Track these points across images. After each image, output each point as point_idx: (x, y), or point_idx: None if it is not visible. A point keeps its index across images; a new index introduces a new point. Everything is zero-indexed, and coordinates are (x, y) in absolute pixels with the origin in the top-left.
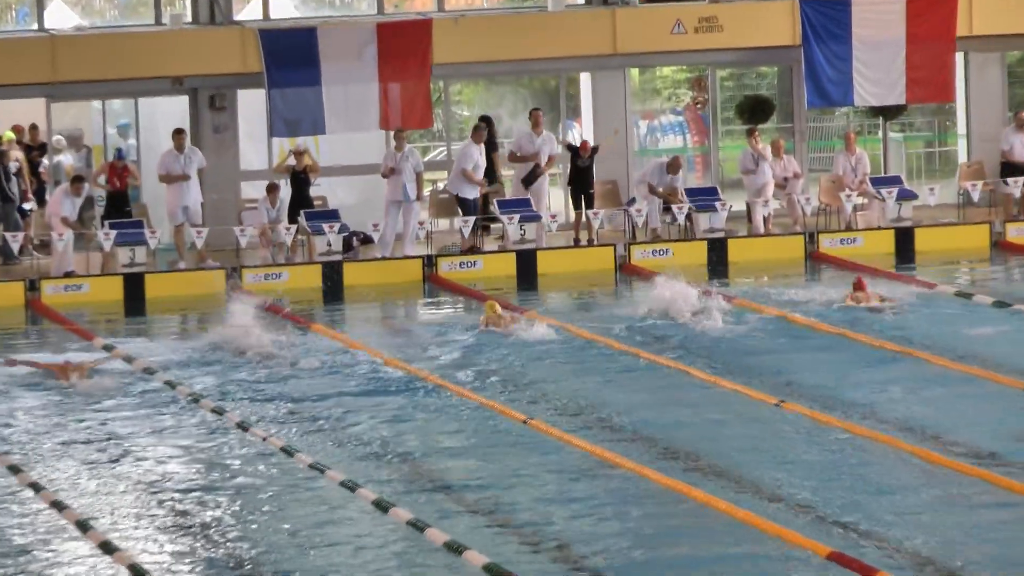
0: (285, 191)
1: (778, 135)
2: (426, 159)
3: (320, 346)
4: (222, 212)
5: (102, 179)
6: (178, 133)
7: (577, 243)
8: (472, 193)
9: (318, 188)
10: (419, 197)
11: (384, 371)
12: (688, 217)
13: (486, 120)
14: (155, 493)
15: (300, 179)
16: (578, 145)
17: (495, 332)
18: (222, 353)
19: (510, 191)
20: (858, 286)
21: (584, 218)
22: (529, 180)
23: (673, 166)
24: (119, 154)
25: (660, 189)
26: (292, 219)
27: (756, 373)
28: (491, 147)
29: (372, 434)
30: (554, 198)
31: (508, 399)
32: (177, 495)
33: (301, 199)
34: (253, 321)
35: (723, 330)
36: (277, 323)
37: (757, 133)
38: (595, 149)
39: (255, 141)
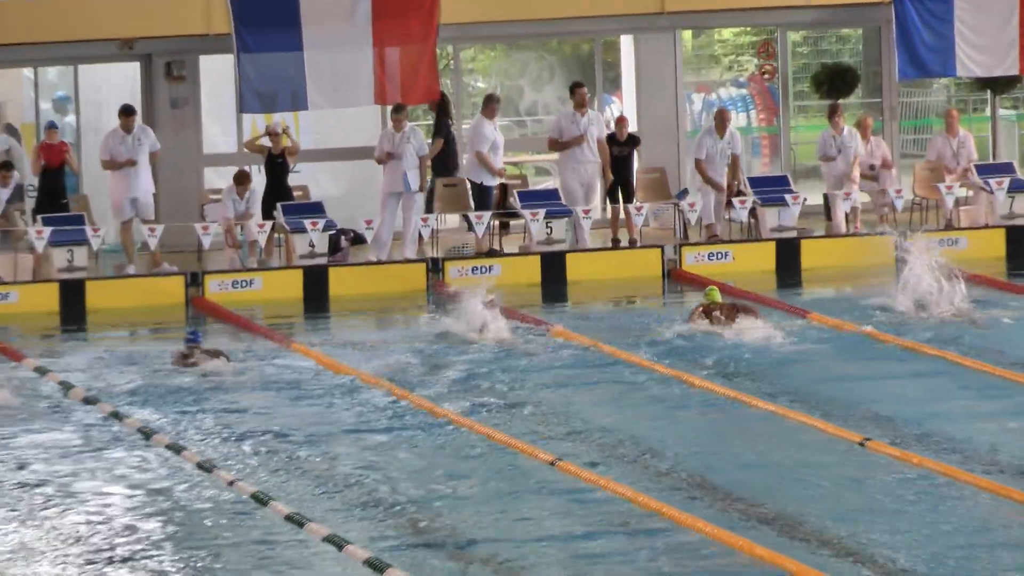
0: (258, 180)
1: (863, 113)
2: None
3: (298, 368)
4: (180, 205)
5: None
6: (126, 111)
7: (616, 244)
8: (491, 181)
9: (298, 176)
10: (423, 187)
11: (380, 400)
12: (752, 213)
13: (490, 99)
14: (88, 549)
15: (276, 165)
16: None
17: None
18: (182, 379)
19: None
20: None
21: (623, 214)
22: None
23: (719, 121)
24: (51, 124)
25: (714, 172)
26: (267, 214)
27: (834, 403)
28: (441, 130)
29: (363, 477)
30: None
31: (532, 434)
32: (118, 551)
33: (278, 189)
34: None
35: (794, 350)
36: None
37: (841, 110)
38: (633, 138)
39: (221, 119)
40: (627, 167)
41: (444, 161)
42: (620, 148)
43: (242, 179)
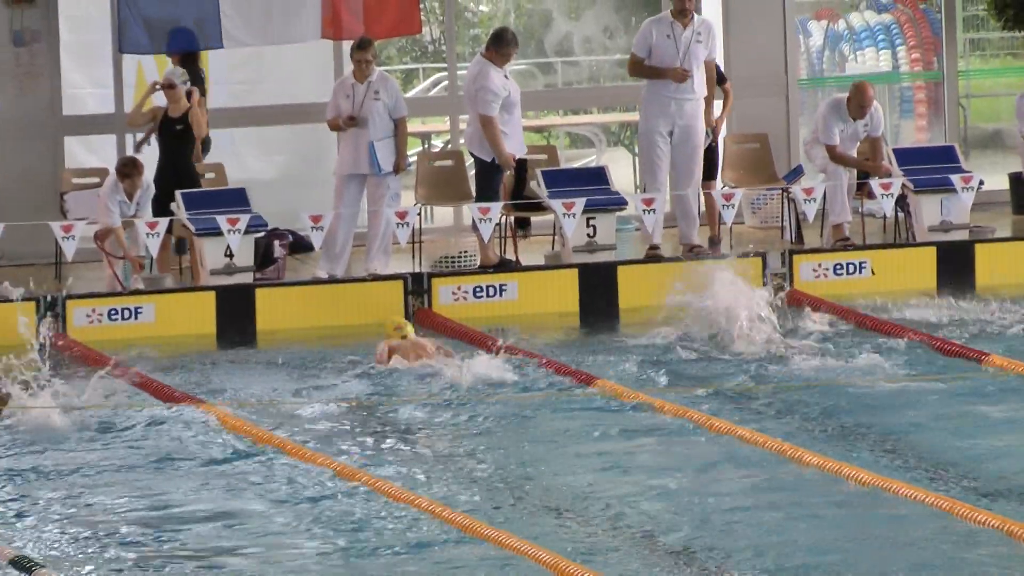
0: (149, 158)
1: None
2: (410, 95)
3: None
4: (29, 194)
5: None
6: None
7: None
8: (500, 161)
9: (211, 151)
10: (399, 167)
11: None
12: (901, 203)
13: (500, 38)
14: None
15: (174, 134)
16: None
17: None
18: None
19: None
20: None
21: (704, 204)
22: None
23: (855, 104)
24: None
25: (855, 146)
26: (161, 208)
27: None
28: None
29: None
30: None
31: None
32: None
33: (176, 170)
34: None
35: (973, 420)
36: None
37: None
38: (721, 77)
39: (90, 63)
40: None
41: None
42: None
43: (130, 170)
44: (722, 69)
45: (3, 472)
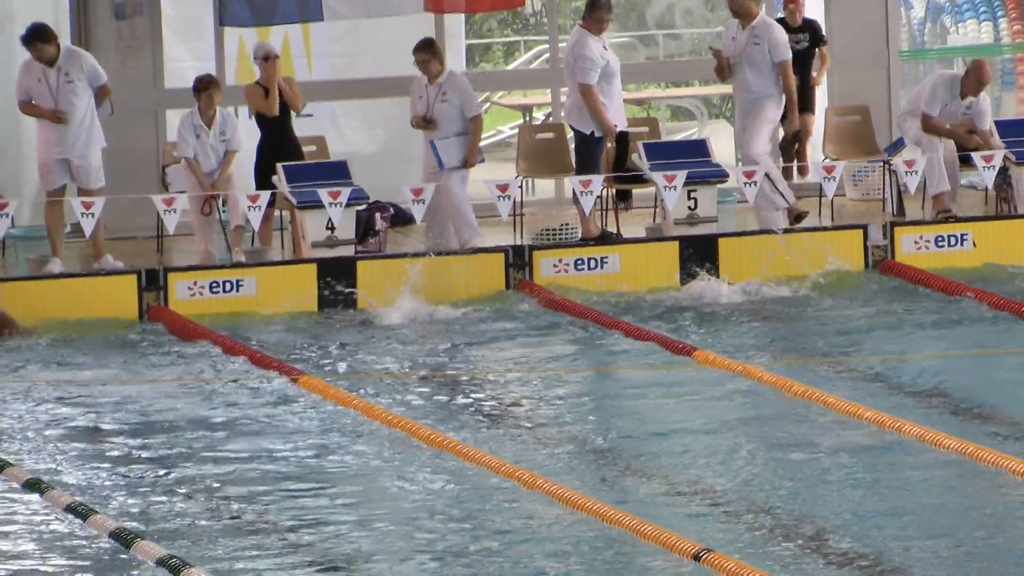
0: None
1: None
2: (512, 67)
3: (324, 414)
4: (131, 168)
5: None
6: (37, 35)
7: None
8: (600, 130)
9: (310, 123)
10: (468, 162)
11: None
12: (1004, 175)
13: (595, 4)
14: None
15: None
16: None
17: None
18: None
19: None
20: None
21: (802, 175)
22: None
23: (973, 80)
24: None
25: (950, 124)
26: (262, 181)
27: None
28: None
29: None
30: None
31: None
32: None
33: (276, 144)
34: None
35: None
36: None
37: None
38: (813, 27)
39: (192, 36)
40: (807, 100)
41: None
42: (796, 39)
43: (205, 83)
44: (823, 32)
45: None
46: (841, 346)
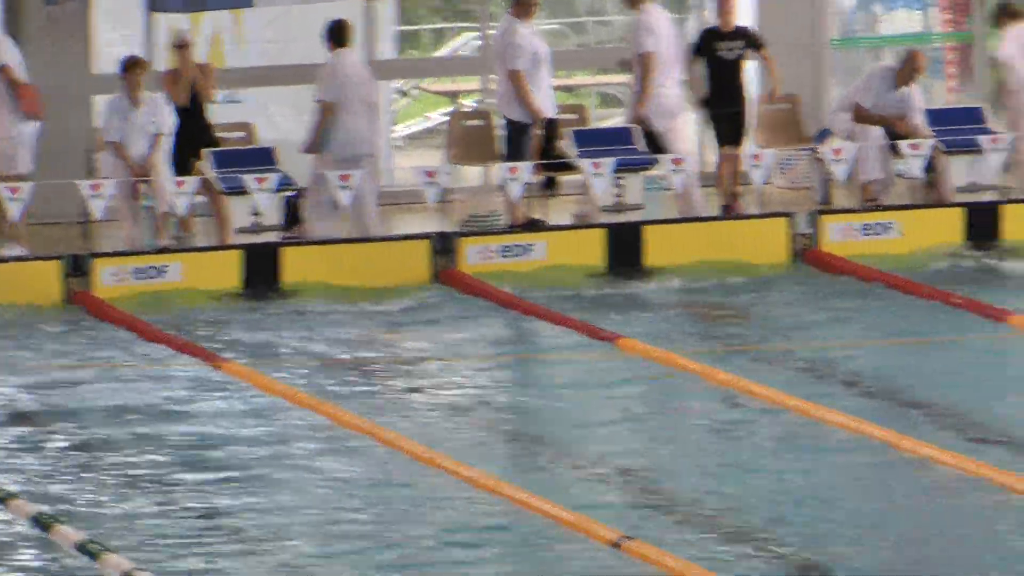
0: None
1: None
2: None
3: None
4: (58, 153)
5: None
6: None
7: (727, 210)
8: (529, 117)
9: (239, 109)
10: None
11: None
12: (931, 164)
13: None
14: None
15: (189, 95)
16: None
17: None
18: None
19: None
20: None
21: (733, 166)
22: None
23: (908, 70)
24: None
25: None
26: (184, 167)
27: None
28: None
29: None
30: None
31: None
32: None
33: (195, 131)
34: None
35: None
36: None
37: None
38: (747, 34)
39: (122, 22)
40: (737, 91)
41: None
42: (728, 46)
43: (131, 64)
44: (757, 36)
45: None
46: (765, 334)
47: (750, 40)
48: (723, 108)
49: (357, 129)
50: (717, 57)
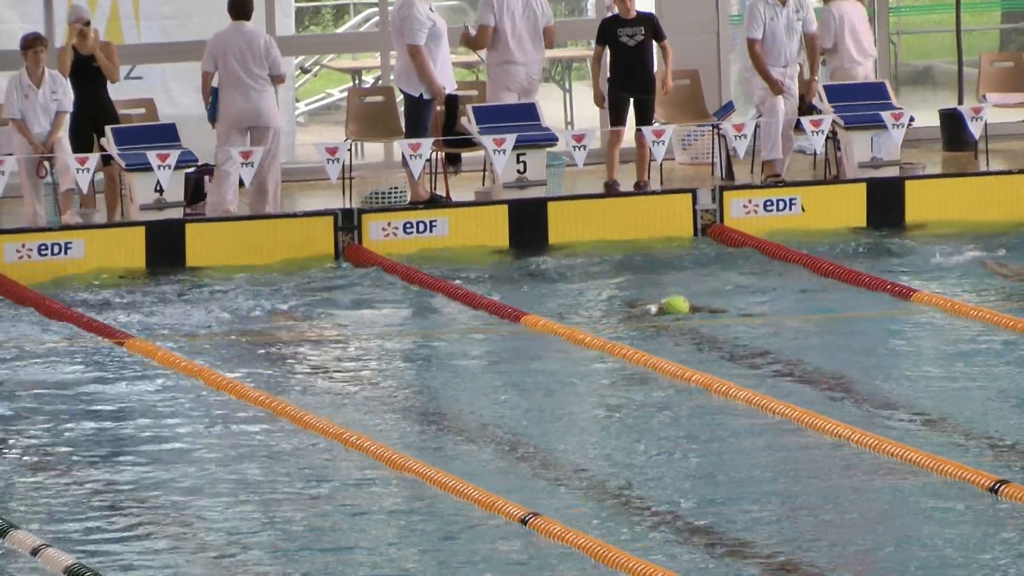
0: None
1: None
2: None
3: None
4: None
5: None
6: None
7: (638, 187)
8: (428, 92)
9: (139, 85)
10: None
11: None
12: (832, 139)
13: None
14: None
15: (88, 71)
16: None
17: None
18: None
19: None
20: None
21: (637, 142)
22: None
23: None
24: None
25: (775, 66)
26: (86, 143)
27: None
28: None
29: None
30: (578, 102)
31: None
32: None
33: (94, 108)
34: None
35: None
36: None
37: None
38: (649, 20)
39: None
40: (642, 68)
41: None
42: (630, 32)
43: (31, 41)
44: (659, 25)
45: None
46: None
47: (651, 28)
48: (628, 93)
49: (237, 101)
50: (620, 44)
